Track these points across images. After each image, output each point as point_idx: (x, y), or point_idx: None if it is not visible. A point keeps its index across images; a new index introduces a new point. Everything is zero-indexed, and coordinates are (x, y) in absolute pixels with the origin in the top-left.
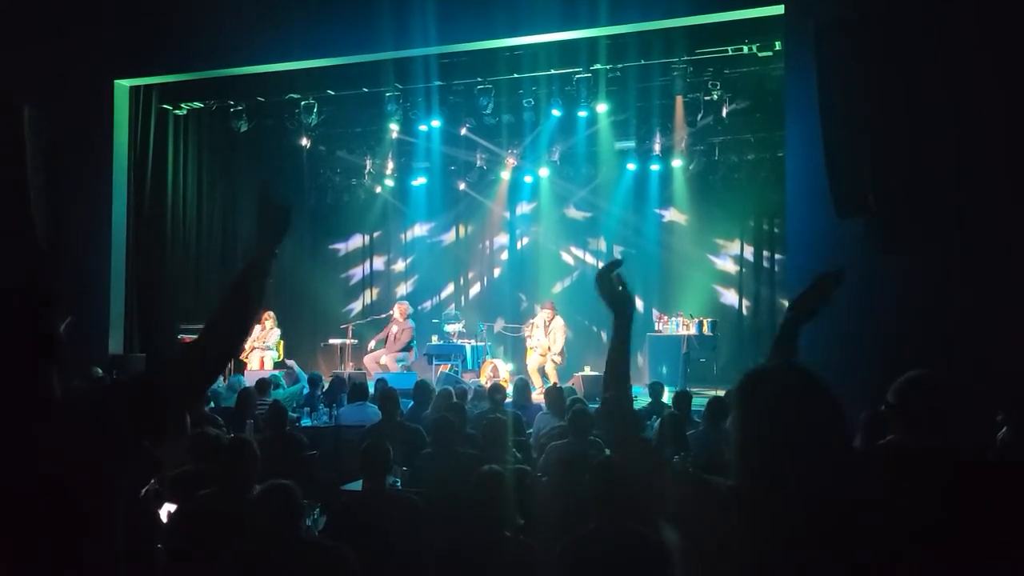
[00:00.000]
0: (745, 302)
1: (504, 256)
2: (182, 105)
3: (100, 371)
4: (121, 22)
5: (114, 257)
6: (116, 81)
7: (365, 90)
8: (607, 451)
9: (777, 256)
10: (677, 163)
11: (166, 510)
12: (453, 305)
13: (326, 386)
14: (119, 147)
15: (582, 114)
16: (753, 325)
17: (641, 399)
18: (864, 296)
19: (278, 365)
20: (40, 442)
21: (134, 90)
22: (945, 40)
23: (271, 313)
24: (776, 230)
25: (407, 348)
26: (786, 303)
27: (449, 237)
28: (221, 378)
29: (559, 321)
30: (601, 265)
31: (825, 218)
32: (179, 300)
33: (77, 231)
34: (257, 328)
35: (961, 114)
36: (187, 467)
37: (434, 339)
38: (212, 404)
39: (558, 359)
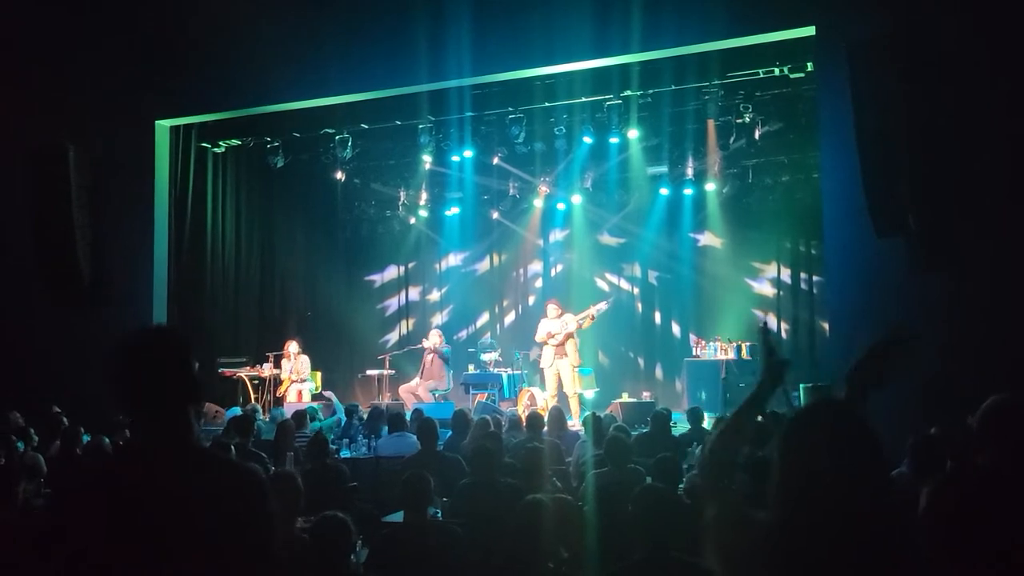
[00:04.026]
0: (784, 325)
1: (538, 284)
2: (220, 143)
3: None
4: (161, 65)
5: (156, 292)
6: (157, 122)
7: (398, 123)
8: (648, 479)
9: (815, 278)
10: (711, 187)
11: None
12: (489, 334)
13: (364, 416)
14: (160, 185)
15: (614, 140)
16: (793, 348)
17: (681, 426)
18: (905, 315)
19: (316, 396)
20: (178, 485)
21: (174, 130)
22: (981, 54)
23: (294, 342)
24: (813, 252)
25: (442, 372)
26: (826, 325)
27: (483, 266)
28: (261, 411)
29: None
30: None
31: (863, 238)
32: (218, 334)
33: (120, 267)
34: (285, 362)
35: (1000, 128)
36: None
37: (471, 368)
38: (253, 438)
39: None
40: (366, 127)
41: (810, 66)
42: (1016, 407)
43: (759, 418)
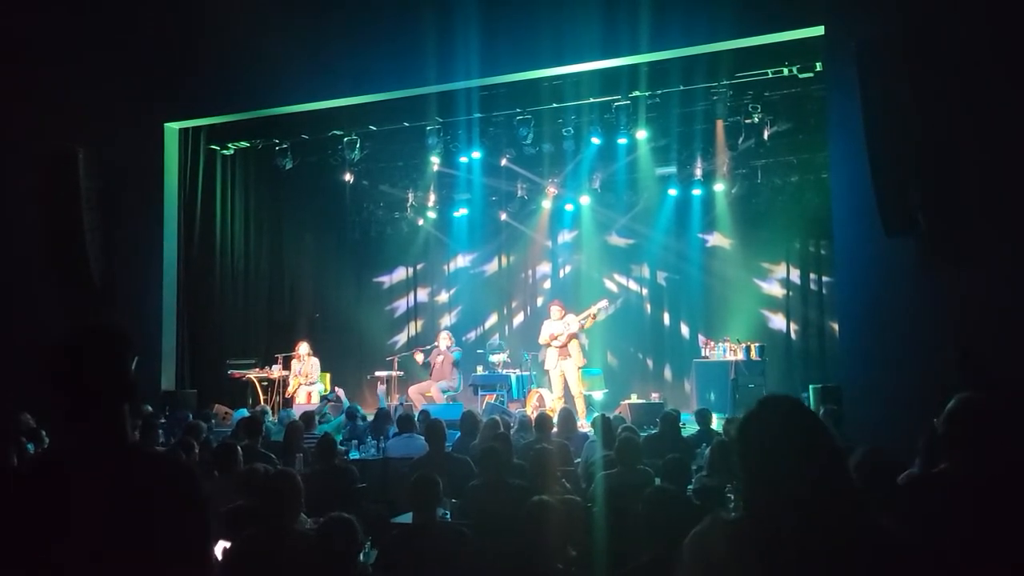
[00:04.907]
0: (793, 326)
1: (547, 285)
2: (229, 145)
3: (150, 408)
4: (169, 68)
5: (165, 294)
6: (166, 124)
7: (406, 124)
8: (657, 480)
9: (824, 278)
10: (719, 187)
11: (220, 547)
12: (497, 335)
13: (368, 418)
14: (169, 188)
15: (622, 141)
16: (802, 349)
17: (690, 427)
18: (916, 315)
19: (324, 397)
20: (112, 484)
21: (183, 132)
22: (990, 52)
23: (306, 344)
24: (823, 252)
25: (453, 371)
26: (836, 326)
27: (491, 267)
28: (271, 413)
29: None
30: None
31: (873, 237)
32: (228, 335)
33: (130, 270)
34: (295, 363)
35: (1009, 126)
36: (239, 503)
37: (479, 369)
38: (262, 439)
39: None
40: (374, 129)
41: (819, 66)
42: (983, 408)
43: None
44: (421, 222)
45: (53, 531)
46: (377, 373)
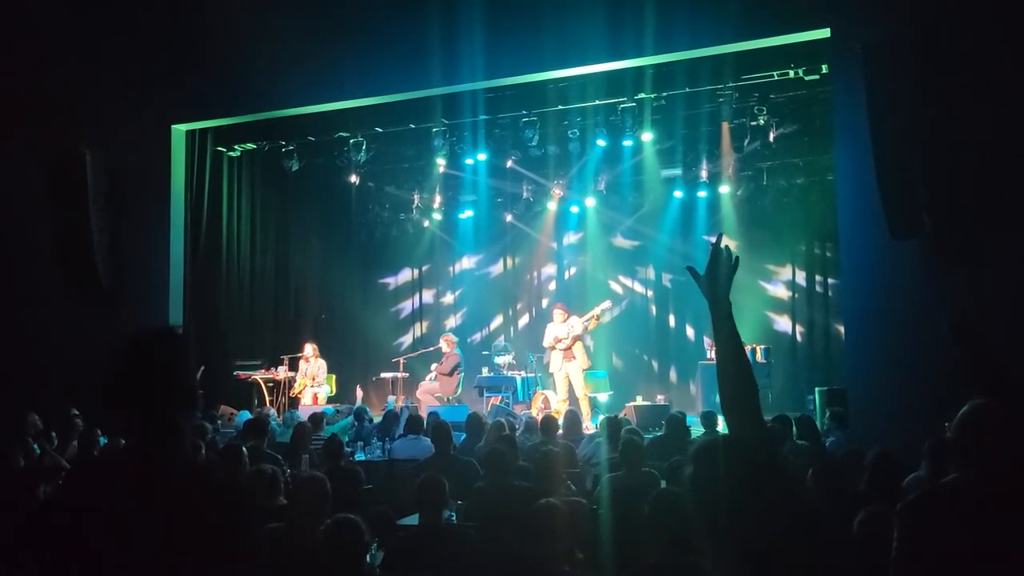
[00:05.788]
0: (799, 328)
1: (552, 287)
2: (235, 147)
3: None
4: (176, 70)
5: (172, 296)
6: (173, 126)
7: (412, 126)
8: (663, 482)
9: (830, 280)
10: (725, 189)
11: None
12: (502, 337)
13: (373, 419)
14: (176, 190)
15: (627, 143)
16: (808, 351)
17: (695, 429)
18: (922, 318)
19: (332, 399)
20: (162, 501)
21: (190, 134)
22: (996, 54)
23: (313, 345)
24: (828, 254)
25: (450, 373)
26: (842, 328)
27: (497, 269)
28: (275, 414)
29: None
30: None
31: (879, 239)
32: (234, 337)
33: (137, 271)
34: (303, 363)
35: (1016, 127)
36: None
37: (484, 371)
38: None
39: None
40: (380, 131)
41: (825, 68)
42: (995, 414)
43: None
44: (426, 224)
45: (96, 540)
46: (382, 374)
